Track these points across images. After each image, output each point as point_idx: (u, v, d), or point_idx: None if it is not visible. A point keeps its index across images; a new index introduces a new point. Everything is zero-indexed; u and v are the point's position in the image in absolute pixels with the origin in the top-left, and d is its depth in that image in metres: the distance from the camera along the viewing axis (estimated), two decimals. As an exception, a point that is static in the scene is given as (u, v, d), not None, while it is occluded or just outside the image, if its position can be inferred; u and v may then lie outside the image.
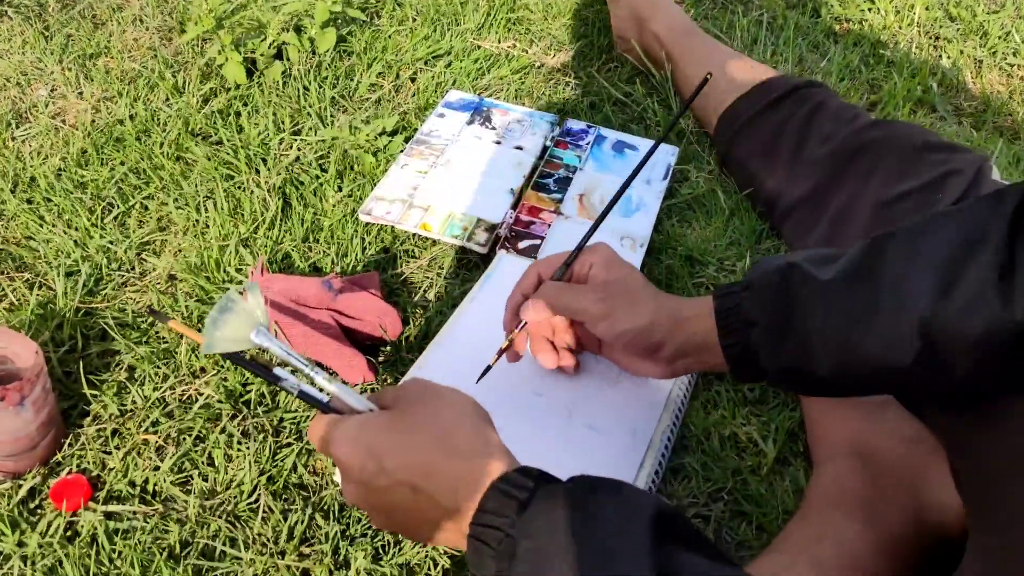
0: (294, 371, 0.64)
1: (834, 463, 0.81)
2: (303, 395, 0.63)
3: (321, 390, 0.63)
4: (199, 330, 0.68)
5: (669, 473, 0.83)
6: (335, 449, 0.60)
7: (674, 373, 0.81)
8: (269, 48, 1.26)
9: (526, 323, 0.81)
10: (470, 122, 1.21)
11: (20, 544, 0.73)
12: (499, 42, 1.38)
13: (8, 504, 0.76)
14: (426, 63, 1.32)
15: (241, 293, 0.63)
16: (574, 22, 1.44)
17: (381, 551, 0.74)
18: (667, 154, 1.18)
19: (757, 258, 1.05)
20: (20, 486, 0.77)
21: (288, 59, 1.27)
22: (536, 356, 0.83)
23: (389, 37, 1.36)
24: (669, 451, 0.84)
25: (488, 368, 0.81)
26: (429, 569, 0.73)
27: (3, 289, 0.94)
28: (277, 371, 0.63)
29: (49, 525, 0.74)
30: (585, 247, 0.82)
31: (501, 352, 0.82)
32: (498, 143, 1.18)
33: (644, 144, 1.20)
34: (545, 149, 1.18)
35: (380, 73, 1.29)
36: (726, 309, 0.73)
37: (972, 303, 0.61)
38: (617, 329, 0.76)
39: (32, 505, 0.76)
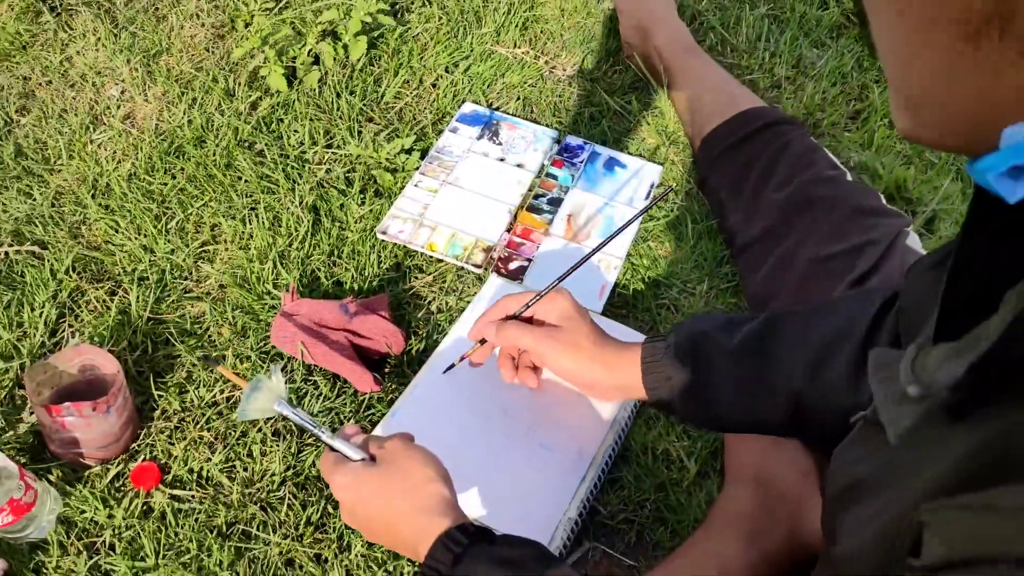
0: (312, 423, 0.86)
1: (736, 486, 1.01)
2: (318, 439, 0.85)
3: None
4: (240, 375, 0.90)
5: (608, 483, 1.05)
6: (334, 488, 0.82)
7: (612, 399, 1.02)
8: (307, 56, 1.42)
9: (485, 341, 1.00)
10: (480, 137, 1.37)
11: (109, 517, 0.99)
12: (514, 47, 1.51)
13: (100, 484, 1.01)
14: (447, 69, 1.47)
15: (267, 373, 0.84)
16: (588, 21, 1.56)
17: (362, 543, 0.98)
18: (650, 173, 1.33)
19: (716, 280, 1.23)
20: (108, 471, 1.02)
21: (324, 65, 1.43)
22: (500, 368, 1.03)
23: (415, 37, 1.50)
24: (609, 466, 1.05)
25: (452, 366, 1.02)
26: (395, 559, 0.97)
27: (89, 298, 1.16)
28: (303, 421, 0.85)
29: (130, 503, 1.00)
30: (551, 292, 0.99)
31: (463, 357, 1.02)
32: (502, 160, 1.35)
33: (633, 162, 1.35)
34: (543, 168, 1.34)
35: (406, 80, 1.45)
36: (649, 362, 0.92)
37: (832, 387, 0.81)
38: (557, 367, 0.96)
39: (117, 485, 1.02)
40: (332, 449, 0.85)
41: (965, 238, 0.45)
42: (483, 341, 1.01)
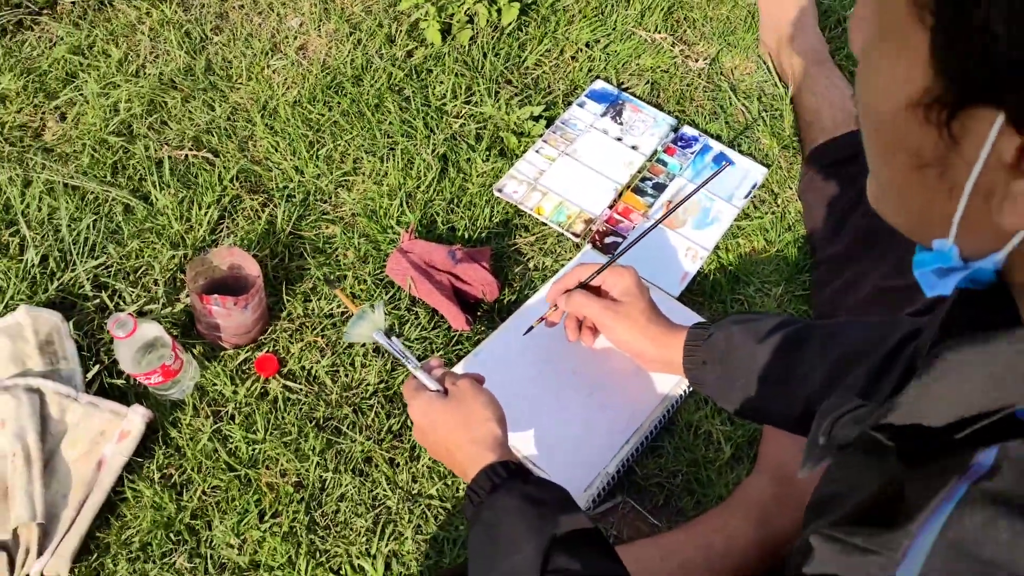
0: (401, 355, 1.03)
1: (760, 475, 1.13)
2: (405, 367, 1.02)
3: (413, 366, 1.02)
4: (353, 297, 1.07)
5: (649, 450, 1.18)
6: (411, 411, 0.99)
7: (653, 370, 1.15)
8: (464, 14, 1.56)
9: (557, 307, 1.15)
10: (604, 114, 1.48)
11: (234, 392, 1.20)
12: (655, 30, 1.60)
13: (231, 365, 1.22)
14: (587, 44, 1.58)
15: (373, 308, 1.01)
16: (733, 13, 1.63)
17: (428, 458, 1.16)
18: (754, 174, 1.42)
19: (792, 286, 1.32)
20: (238, 355, 1.23)
21: (477, 25, 1.57)
22: (566, 328, 1.18)
23: (565, 9, 1.61)
24: (654, 435, 1.19)
25: (531, 328, 1.17)
26: (452, 476, 1.15)
27: (246, 206, 1.37)
28: (395, 351, 1.02)
29: (252, 385, 1.21)
30: (616, 267, 1.12)
31: (541, 319, 1.17)
32: (619, 139, 1.46)
33: (742, 160, 1.44)
34: (655, 152, 1.45)
35: (548, 50, 1.57)
36: (691, 345, 1.04)
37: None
38: (613, 336, 1.10)
39: (244, 368, 1.23)
40: (415, 377, 1.02)
41: (940, 328, 0.55)
42: (556, 305, 1.15)
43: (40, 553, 1.05)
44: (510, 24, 1.58)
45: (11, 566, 1.04)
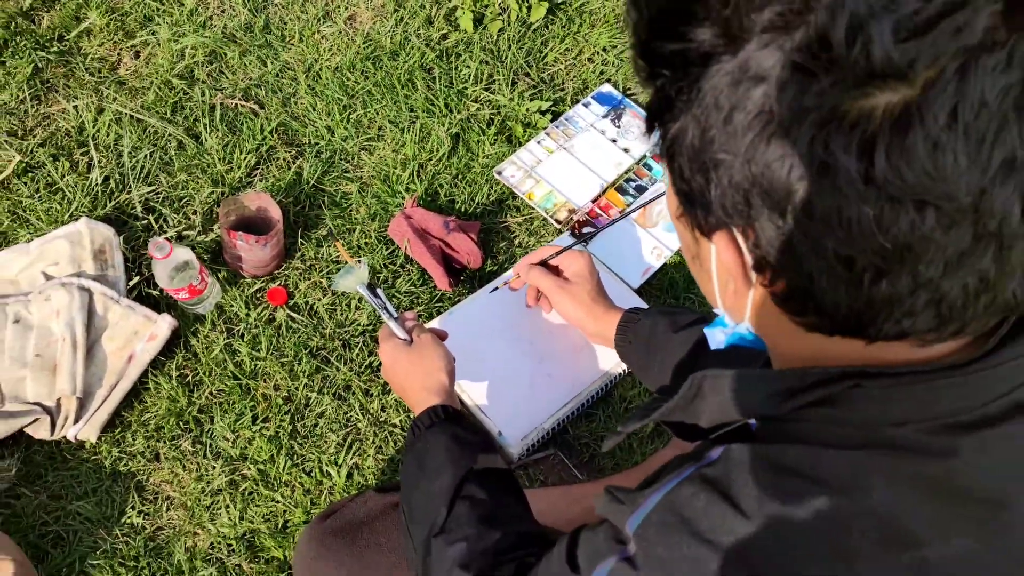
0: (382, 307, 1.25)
1: (670, 449, 1.33)
2: (382, 316, 1.24)
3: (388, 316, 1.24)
4: (350, 251, 1.29)
5: (584, 415, 1.39)
6: (381, 353, 1.21)
7: (593, 342, 1.34)
8: (497, 7, 1.74)
9: (519, 276, 1.35)
10: (605, 116, 1.66)
11: (247, 315, 1.43)
12: (667, 44, 1.76)
13: (247, 292, 1.45)
14: (604, 48, 1.75)
15: (359, 264, 1.23)
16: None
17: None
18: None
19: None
20: (254, 284, 1.46)
21: (507, 18, 1.75)
22: (526, 295, 1.38)
23: (590, 13, 1.78)
24: (590, 403, 1.39)
25: (496, 288, 1.37)
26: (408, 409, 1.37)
27: (280, 156, 1.59)
28: (375, 302, 1.24)
29: (262, 311, 1.44)
30: (573, 252, 1.31)
31: (505, 283, 1.37)
32: (614, 140, 1.64)
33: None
34: (643, 157, 1.63)
35: (567, 49, 1.74)
36: (623, 326, 1.24)
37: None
38: (559, 309, 1.30)
39: (257, 296, 1.46)
40: (389, 325, 1.24)
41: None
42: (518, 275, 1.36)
43: (77, 420, 1.30)
44: (537, 21, 1.75)
45: (52, 427, 1.30)
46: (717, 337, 0.69)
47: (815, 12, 0.43)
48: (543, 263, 1.32)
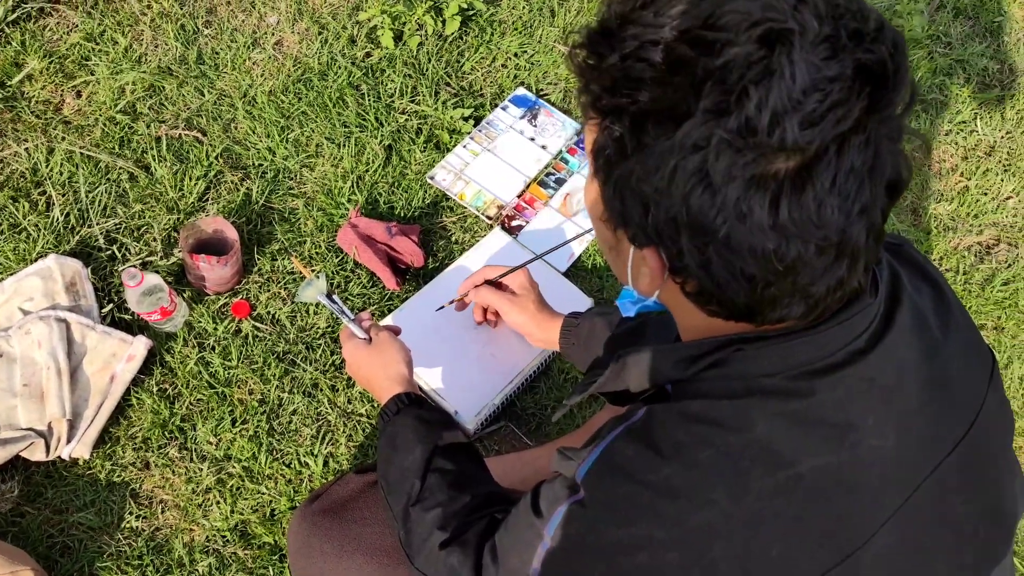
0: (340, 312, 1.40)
1: (606, 411, 1.52)
2: (341, 319, 1.39)
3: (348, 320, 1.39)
4: (305, 263, 1.44)
5: (528, 389, 1.57)
6: (344, 353, 1.36)
7: (539, 346, 1.51)
8: (414, 23, 1.89)
9: (467, 296, 1.51)
10: (522, 117, 1.83)
11: (215, 329, 1.57)
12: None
13: (213, 307, 1.59)
14: (516, 54, 1.92)
15: (318, 277, 1.38)
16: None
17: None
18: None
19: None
20: (219, 300, 1.59)
21: (424, 33, 1.90)
22: (473, 313, 1.55)
23: (500, 22, 1.94)
24: (533, 377, 1.57)
25: (442, 307, 1.54)
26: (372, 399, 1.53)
27: (227, 179, 1.72)
28: (334, 308, 1.39)
29: (228, 323, 1.57)
30: (516, 271, 1.48)
31: (451, 302, 1.54)
32: (532, 139, 1.81)
33: (629, 163, 1.80)
34: (560, 152, 1.80)
35: (482, 57, 1.90)
36: (565, 330, 1.42)
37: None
38: (509, 319, 1.47)
39: (223, 310, 1.59)
40: (349, 328, 1.39)
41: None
42: (465, 295, 1.52)
43: (69, 440, 1.43)
44: (452, 33, 1.91)
45: (47, 449, 1.42)
46: (628, 308, 0.88)
47: (744, 106, 0.60)
48: (489, 282, 1.47)
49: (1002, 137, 1.96)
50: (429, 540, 1.01)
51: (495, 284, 1.46)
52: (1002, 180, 1.89)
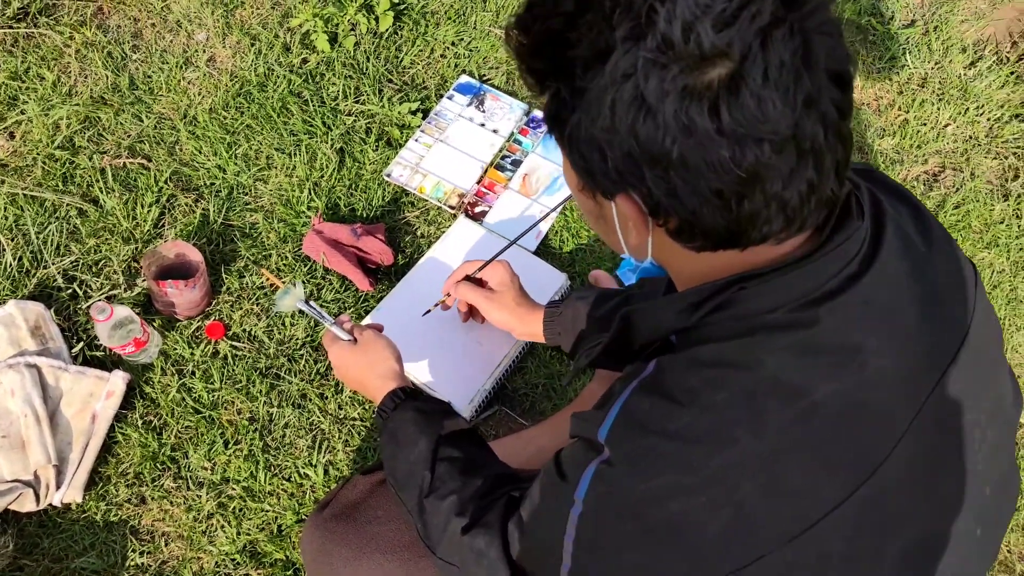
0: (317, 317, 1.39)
1: (596, 382, 1.53)
2: (323, 323, 1.37)
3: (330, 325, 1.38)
4: (276, 275, 1.42)
5: (517, 370, 1.57)
6: (331, 357, 1.34)
7: (522, 339, 1.51)
8: (347, 23, 1.87)
9: (451, 295, 1.51)
10: (469, 104, 1.83)
11: (191, 354, 1.53)
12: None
13: (186, 333, 1.55)
14: (453, 43, 1.91)
15: (294, 285, 1.36)
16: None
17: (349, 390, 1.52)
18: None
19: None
20: (191, 324, 1.56)
21: (359, 33, 1.88)
22: (458, 311, 1.54)
23: (433, 13, 1.94)
24: (520, 357, 1.57)
25: (428, 311, 1.53)
26: (367, 403, 1.51)
27: (181, 202, 1.68)
28: (314, 314, 1.37)
29: (205, 347, 1.54)
30: (494, 264, 1.47)
31: (437, 304, 1.53)
32: (483, 125, 1.81)
33: (581, 136, 1.81)
34: (512, 134, 1.81)
35: (420, 50, 1.90)
36: (548, 321, 1.42)
37: None
38: (490, 317, 1.46)
39: (197, 334, 1.56)
40: (331, 331, 1.37)
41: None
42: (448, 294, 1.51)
43: (59, 486, 1.38)
44: (387, 30, 1.89)
45: (37, 498, 1.38)
46: (628, 276, 0.88)
47: (655, 23, 0.62)
48: (468, 278, 1.46)
49: (932, 68, 2.02)
50: (449, 527, 1.00)
51: (475, 281, 1.45)
52: (938, 109, 1.96)
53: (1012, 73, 2.04)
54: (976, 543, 0.85)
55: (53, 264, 1.58)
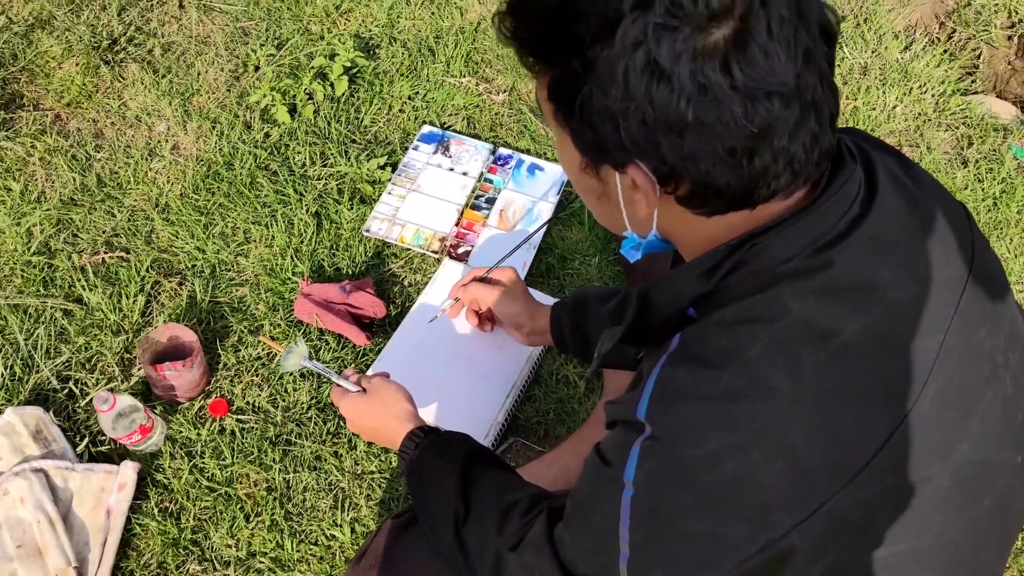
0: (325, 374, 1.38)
1: (608, 397, 1.54)
2: (330, 380, 1.37)
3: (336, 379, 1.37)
4: (275, 338, 1.41)
5: (525, 399, 1.57)
6: (342, 411, 1.34)
7: (532, 343, 1.53)
8: (303, 93, 1.91)
9: (459, 299, 1.51)
10: (435, 152, 1.86)
11: (198, 434, 1.51)
12: (460, 75, 1.99)
13: (189, 414, 1.53)
14: (409, 97, 1.95)
15: (296, 343, 1.36)
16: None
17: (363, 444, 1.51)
18: (561, 174, 1.83)
19: (606, 254, 1.73)
20: (193, 405, 1.54)
21: (316, 101, 1.91)
22: (467, 319, 1.55)
23: (385, 72, 1.98)
24: (526, 387, 1.57)
25: (435, 317, 1.53)
26: (384, 453, 1.50)
27: (165, 287, 1.67)
28: (319, 370, 1.37)
29: (210, 425, 1.52)
30: (501, 267, 1.49)
31: (444, 311, 1.53)
32: (451, 169, 1.84)
33: (550, 166, 1.85)
34: (481, 174, 1.84)
35: (379, 108, 1.93)
36: (555, 316, 1.43)
37: None
38: (500, 310, 1.47)
39: (200, 414, 1.54)
40: (338, 385, 1.37)
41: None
42: (456, 299, 1.52)
43: (83, 588, 1.34)
44: (343, 94, 1.93)
45: (62, 604, 1.34)
46: (633, 254, 0.90)
47: None
48: (478, 279, 1.48)
49: (870, 56, 2.10)
50: (492, 550, 0.99)
51: (483, 280, 1.46)
52: (884, 93, 2.03)
53: (945, 51, 2.13)
54: (1019, 473, 0.86)
55: (46, 367, 1.56)
